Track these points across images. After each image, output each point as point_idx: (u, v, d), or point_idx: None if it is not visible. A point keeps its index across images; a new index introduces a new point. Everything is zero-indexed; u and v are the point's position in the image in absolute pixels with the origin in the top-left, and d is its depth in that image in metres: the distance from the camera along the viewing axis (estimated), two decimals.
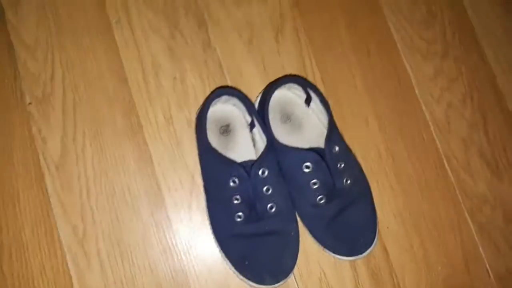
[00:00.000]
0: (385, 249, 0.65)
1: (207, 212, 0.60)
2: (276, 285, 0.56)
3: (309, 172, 0.57)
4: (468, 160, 0.70)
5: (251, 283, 0.56)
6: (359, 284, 0.63)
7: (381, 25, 0.73)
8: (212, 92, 0.60)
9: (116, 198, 0.61)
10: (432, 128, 0.70)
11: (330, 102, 0.65)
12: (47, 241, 0.59)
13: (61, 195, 0.60)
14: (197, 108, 0.64)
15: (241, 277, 0.57)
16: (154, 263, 0.60)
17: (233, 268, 0.58)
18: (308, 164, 0.56)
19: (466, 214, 0.68)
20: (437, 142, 0.70)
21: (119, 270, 0.59)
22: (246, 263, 0.57)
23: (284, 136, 0.63)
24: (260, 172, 0.56)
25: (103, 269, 0.59)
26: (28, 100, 0.62)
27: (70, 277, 0.58)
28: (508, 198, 0.70)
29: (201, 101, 0.65)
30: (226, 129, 0.63)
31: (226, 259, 0.58)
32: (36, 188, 0.60)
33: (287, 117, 0.65)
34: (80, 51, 0.65)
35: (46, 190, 0.60)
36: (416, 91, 0.71)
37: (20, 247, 0.58)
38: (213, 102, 0.61)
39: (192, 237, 0.61)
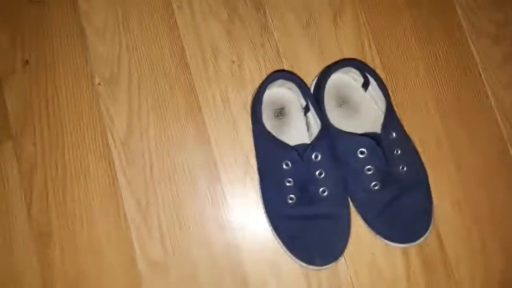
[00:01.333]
0: (439, 238, 0.63)
1: (260, 192, 0.62)
2: (325, 267, 0.57)
3: (363, 158, 0.57)
4: None
5: (300, 262, 0.58)
6: (410, 271, 0.62)
7: (447, 7, 0.69)
8: (268, 76, 0.61)
9: (176, 175, 0.64)
10: (498, 115, 0.67)
11: (389, 87, 0.64)
12: (113, 211, 0.64)
13: (126, 170, 0.65)
14: (253, 91, 0.66)
15: (292, 256, 0.59)
16: (209, 237, 0.63)
17: (283, 247, 0.59)
18: (363, 149, 0.56)
19: None
20: (503, 129, 0.67)
21: (177, 241, 0.63)
22: (297, 243, 0.58)
23: (339, 120, 0.63)
24: (313, 156, 0.56)
25: (163, 240, 0.63)
26: (97, 81, 0.67)
27: (133, 246, 0.63)
28: None
29: (257, 84, 0.66)
30: (280, 112, 0.64)
31: (277, 237, 0.60)
32: (104, 162, 0.65)
33: (343, 101, 0.64)
34: (144, 34, 0.68)
35: (113, 164, 0.65)
36: (483, 77, 0.68)
37: (89, 217, 0.64)
38: (269, 86, 0.62)
39: (246, 215, 0.64)
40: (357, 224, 0.61)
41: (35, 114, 0.66)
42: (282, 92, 0.65)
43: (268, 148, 0.59)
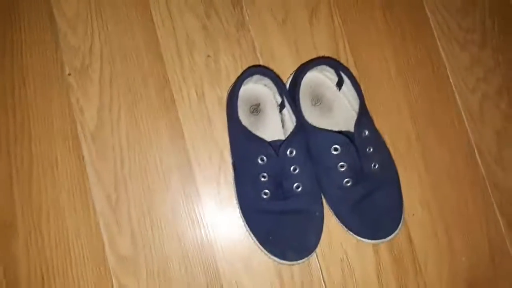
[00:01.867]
0: (409, 236, 0.65)
1: (234, 187, 0.62)
2: (299, 261, 0.57)
3: (337, 154, 0.57)
4: (501, 153, 0.69)
5: (274, 258, 0.58)
6: (381, 268, 0.63)
7: (418, 11, 0.71)
8: (244, 71, 0.61)
9: (149, 169, 0.63)
10: (465, 118, 0.69)
11: (362, 87, 0.65)
12: (82, 206, 0.62)
13: (96, 164, 0.63)
14: (229, 87, 0.66)
15: (265, 251, 0.59)
16: (182, 233, 0.62)
17: (257, 243, 0.59)
18: (336, 146, 0.57)
19: (495, 207, 0.67)
20: (469, 132, 0.69)
21: (148, 237, 0.61)
22: (270, 238, 0.58)
23: (314, 118, 0.63)
24: (288, 152, 0.56)
25: (134, 236, 0.61)
26: (67, 71, 0.65)
27: (102, 241, 0.61)
28: None
29: (233, 80, 0.66)
30: (256, 109, 0.64)
31: (251, 233, 0.59)
32: (73, 155, 0.63)
33: (317, 99, 0.65)
34: (118, 26, 0.67)
35: (83, 158, 0.63)
36: (451, 80, 0.70)
37: (57, 210, 0.61)
38: (245, 81, 0.61)
39: (219, 211, 0.63)
40: (330, 220, 0.62)
41: (0, 101, 0.63)
42: (258, 89, 0.65)
43: (243, 143, 0.59)
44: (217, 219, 0.63)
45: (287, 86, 0.65)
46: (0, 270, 0.59)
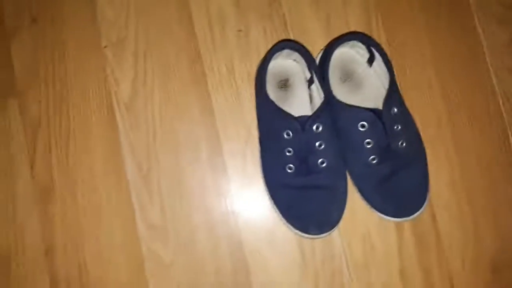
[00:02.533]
0: (434, 217, 0.64)
1: (260, 161, 0.63)
2: (320, 235, 0.58)
3: (364, 131, 0.57)
4: None
5: (296, 230, 0.59)
6: (403, 247, 0.64)
7: None
8: (274, 45, 0.61)
9: (178, 142, 0.65)
10: (500, 100, 0.67)
11: (394, 64, 0.65)
12: (115, 175, 0.65)
13: (129, 134, 0.65)
14: (259, 62, 0.66)
15: (288, 224, 0.60)
16: (209, 204, 0.64)
17: (280, 215, 0.60)
18: (364, 123, 0.57)
19: None
20: (504, 115, 0.67)
21: (177, 207, 0.64)
22: (293, 211, 0.59)
23: (343, 94, 0.63)
24: (314, 127, 0.57)
25: (163, 206, 0.64)
26: (103, 44, 0.67)
27: (133, 210, 0.64)
28: None
29: (263, 55, 0.66)
30: (285, 84, 0.65)
31: (275, 206, 0.61)
32: (108, 125, 0.66)
33: (347, 76, 0.65)
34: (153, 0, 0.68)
35: (117, 128, 0.66)
36: (487, 59, 0.68)
37: (91, 177, 0.65)
38: (275, 56, 0.62)
39: (245, 185, 0.65)
40: (354, 197, 0.62)
41: (40, 72, 0.67)
42: (288, 64, 0.65)
43: (270, 118, 0.60)
44: (243, 192, 0.65)
45: (317, 61, 0.64)
46: (38, 234, 0.64)
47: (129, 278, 0.63)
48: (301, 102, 0.64)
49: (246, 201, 0.65)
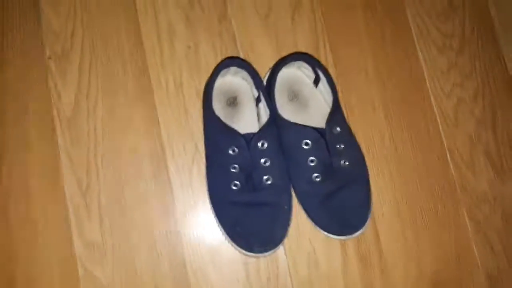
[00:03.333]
0: (377, 235, 0.65)
1: (206, 178, 0.62)
2: (264, 254, 0.58)
3: (308, 149, 0.58)
4: (472, 157, 0.70)
5: (240, 249, 0.58)
6: (347, 265, 0.64)
7: (399, 13, 0.72)
8: (221, 62, 0.61)
9: (122, 156, 0.63)
10: (439, 121, 0.70)
11: (340, 85, 0.66)
12: (52, 190, 0.62)
13: (69, 148, 0.63)
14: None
15: (232, 243, 0.59)
16: (151, 222, 0.62)
17: (224, 234, 0.60)
18: (307, 141, 0.58)
19: (464, 211, 0.68)
20: (443, 136, 0.70)
21: (117, 224, 0.62)
22: (238, 229, 0.58)
23: (290, 114, 0.64)
24: (259, 144, 0.57)
25: (102, 223, 0.62)
26: (48, 55, 0.65)
27: (70, 226, 0.61)
28: (509, 200, 0.69)
29: (211, 71, 0.66)
30: (233, 101, 0.65)
31: (219, 224, 0.60)
32: (47, 139, 0.63)
33: (294, 95, 0.66)
34: (101, 11, 0.67)
35: (57, 142, 0.63)
36: (427, 83, 0.71)
37: (27, 193, 0.61)
38: (223, 73, 0.62)
39: (190, 202, 0.63)
40: (299, 215, 0.63)
41: None
42: (236, 82, 0.65)
43: (216, 134, 0.60)
44: (187, 210, 0.63)
45: (265, 80, 0.65)
46: None
47: None
48: (249, 119, 0.64)
49: (191, 218, 0.63)
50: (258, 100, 0.63)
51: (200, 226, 0.63)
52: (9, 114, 0.63)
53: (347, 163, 0.59)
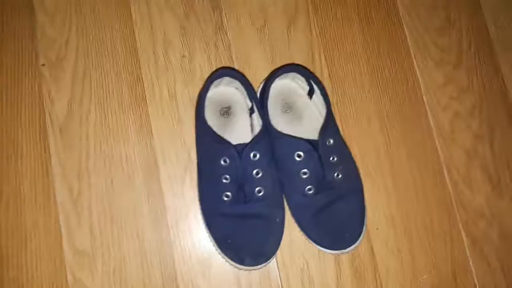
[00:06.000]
0: (372, 250, 0.64)
1: (197, 188, 0.61)
2: (255, 267, 0.57)
3: (300, 161, 0.57)
4: (469, 172, 0.69)
5: (231, 262, 0.57)
6: (340, 280, 0.63)
7: (395, 27, 0.72)
8: (214, 72, 0.61)
9: (113, 165, 0.63)
10: (435, 135, 0.70)
11: (335, 98, 0.66)
12: (43, 197, 0.61)
13: (61, 155, 0.62)
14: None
15: (223, 255, 0.58)
16: (142, 231, 0.61)
17: (215, 246, 0.59)
18: (300, 153, 0.57)
19: (460, 226, 0.67)
20: (439, 150, 0.69)
21: (107, 233, 0.61)
22: (229, 241, 0.57)
23: (283, 125, 0.63)
24: (251, 155, 0.56)
25: (92, 231, 0.61)
26: (41, 62, 0.65)
27: (61, 234, 0.60)
28: (506, 215, 0.68)
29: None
30: (226, 111, 0.64)
31: (210, 236, 0.59)
32: (39, 145, 0.63)
33: (288, 107, 0.65)
34: (96, 20, 0.67)
35: (49, 148, 0.62)
36: (424, 97, 0.71)
37: (17, 199, 0.61)
38: (217, 83, 0.62)
39: (181, 212, 0.63)
40: (292, 228, 0.62)
41: None
42: (230, 92, 0.65)
43: (208, 144, 0.59)
44: (179, 220, 0.62)
45: (259, 91, 0.65)
46: None
47: None
48: (242, 130, 0.64)
49: (182, 229, 0.62)
50: (251, 111, 0.63)
51: (192, 236, 0.62)
52: (1, 120, 0.63)
53: (340, 175, 0.59)
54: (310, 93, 0.63)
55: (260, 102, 0.61)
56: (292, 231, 0.62)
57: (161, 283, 0.60)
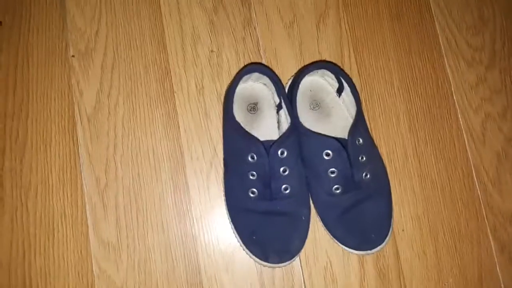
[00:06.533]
0: (397, 251, 0.63)
1: (223, 183, 0.61)
2: (280, 265, 0.57)
3: (328, 160, 0.56)
4: (499, 175, 0.67)
5: (255, 258, 0.57)
6: (364, 280, 0.62)
7: (427, 24, 0.71)
8: (243, 67, 0.61)
9: (140, 157, 0.63)
10: (465, 137, 0.68)
11: (364, 96, 0.65)
12: (71, 187, 0.62)
13: (89, 147, 0.63)
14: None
15: (247, 251, 0.58)
16: (167, 224, 0.62)
17: (240, 242, 0.58)
18: (328, 151, 0.56)
19: (488, 230, 0.66)
20: (469, 152, 0.68)
21: (133, 225, 0.61)
22: (254, 238, 0.57)
23: (311, 122, 0.63)
24: (279, 152, 0.56)
25: (118, 222, 0.61)
26: (71, 53, 0.65)
27: (87, 225, 0.61)
28: None
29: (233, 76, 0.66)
30: (254, 107, 0.64)
31: (235, 231, 0.59)
32: (68, 136, 0.63)
33: (316, 104, 0.64)
34: (126, 13, 0.67)
35: (77, 139, 0.63)
36: (454, 97, 0.69)
37: (45, 189, 0.61)
38: (245, 79, 0.61)
39: (206, 206, 0.63)
40: (317, 226, 0.61)
41: (1, 76, 0.64)
42: (258, 88, 0.64)
43: (235, 140, 0.59)
44: (204, 214, 0.62)
45: (287, 87, 0.64)
46: None
47: None
48: (269, 126, 0.63)
49: (207, 223, 0.62)
50: (279, 107, 0.62)
51: (216, 231, 0.62)
52: (32, 110, 0.63)
53: (368, 176, 0.58)
54: (339, 90, 0.62)
55: (288, 98, 0.61)
56: (317, 229, 0.62)
57: (184, 276, 0.61)
